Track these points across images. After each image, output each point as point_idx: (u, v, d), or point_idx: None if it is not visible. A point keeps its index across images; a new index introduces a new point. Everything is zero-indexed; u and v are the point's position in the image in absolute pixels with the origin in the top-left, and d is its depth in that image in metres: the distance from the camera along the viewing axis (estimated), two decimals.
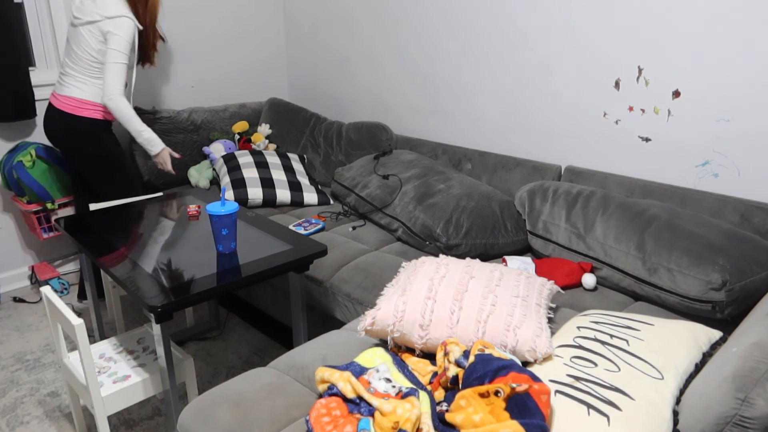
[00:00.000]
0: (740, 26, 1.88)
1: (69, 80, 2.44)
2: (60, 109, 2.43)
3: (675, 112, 2.09)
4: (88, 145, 2.46)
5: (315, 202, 2.75)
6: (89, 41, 2.38)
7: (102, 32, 2.36)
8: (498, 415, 1.10)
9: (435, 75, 2.86)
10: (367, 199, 2.48)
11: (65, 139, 2.46)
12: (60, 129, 2.45)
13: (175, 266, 1.76)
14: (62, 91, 2.45)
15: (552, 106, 2.44)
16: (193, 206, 2.24)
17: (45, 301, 1.80)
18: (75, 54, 2.42)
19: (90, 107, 2.44)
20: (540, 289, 1.57)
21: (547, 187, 2.19)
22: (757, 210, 1.89)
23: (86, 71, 2.42)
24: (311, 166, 3.16)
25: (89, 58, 2.40)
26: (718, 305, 1.65)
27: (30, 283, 3.04)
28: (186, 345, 2.49)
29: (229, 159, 2.83)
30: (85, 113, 2.44)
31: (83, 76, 2.42)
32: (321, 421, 1.21)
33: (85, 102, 2.43)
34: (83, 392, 1.75)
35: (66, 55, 2.46)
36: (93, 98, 2.44)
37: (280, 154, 2.94)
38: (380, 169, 2.58)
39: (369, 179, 2.55)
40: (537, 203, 2.16)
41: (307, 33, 3.51)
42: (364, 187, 2.53)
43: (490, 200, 2.27)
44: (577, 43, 2.29)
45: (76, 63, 2.42)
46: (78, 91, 2.43)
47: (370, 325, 1.46)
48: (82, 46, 2.39)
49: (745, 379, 1.04)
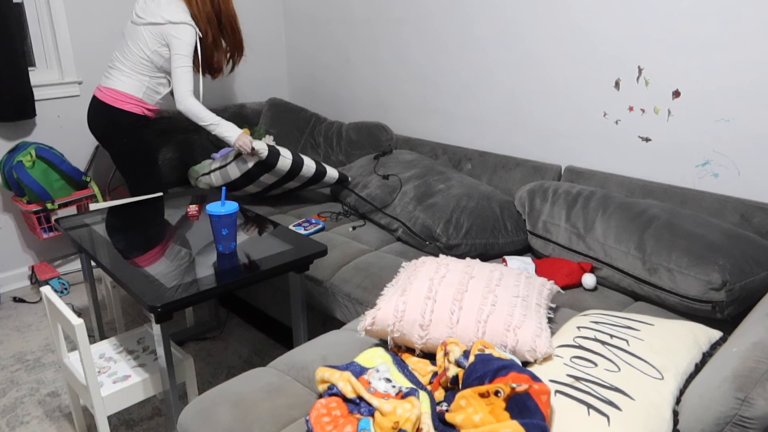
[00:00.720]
0: (740, 26, 1.88)
1: (115, 73, 2.50)
2: (102, 100, 2.49)
3: (675, 112, 2.09)
4: (126, 138, 2.51)
5: (335, 176, 2.63)
6: (147, 41, 2.44)
7: (163, 35, 2.43)
8: (498, 415, 1.10)
9: (435, 75, 2.86)
10: (367, 199, 2.48)
11: (105, 132, 2.52)
12: (100, 121, 2.51)
13: (175, 266, 1.76)
14: (107, 83, 2.52)
15: (552, 106, 2.44)
16: (193, 206, 2.25)
17: (45, 301, 1.80)
18: (129, 50, 2.48)
19: (130, 101, 2.49)
20: (540, 289, 1.57)
21: (547, 187, 2.19)
22: (757, 210, 1.89)
23: (135, 67, 2.48)
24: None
25: (143, 56, 2.46)
26: (718, 305, 1.65)
27: (30, 283, 3.04)
28: (186, 345, 2.49)
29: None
30: (126, 106, 2.49)
31: (130, 71, 2.49)
32: (321, 421, 1.21)
33: (126, 95, 2.48)
34: (83, 392, 1.75)
35: (118, 50, 2.52)
36: (135, 92, 2.50)
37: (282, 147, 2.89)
38: (380, 169, 2.58)
39: (369, 179, 2.55)
40: (537, 203, 2.16)
41: (307, 33, 3.50)
42: (364, 187, 2.53)
43: (490, 200, 2.27)
44: (577, 43, 2.29)
45: (127, 58, 2.48)
46: (121, 84, 2.48)
47: (370, 325, 1.46)
48: (139, 44, 2.45)
49: (745, 379, 1.04)
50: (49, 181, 2.72)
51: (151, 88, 2.53)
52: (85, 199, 2.88)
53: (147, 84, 2.51)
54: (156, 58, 2.47)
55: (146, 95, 2.53)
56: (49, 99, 2.88)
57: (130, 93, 2.49)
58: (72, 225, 2.09)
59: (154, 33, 2.44)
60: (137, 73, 2.49)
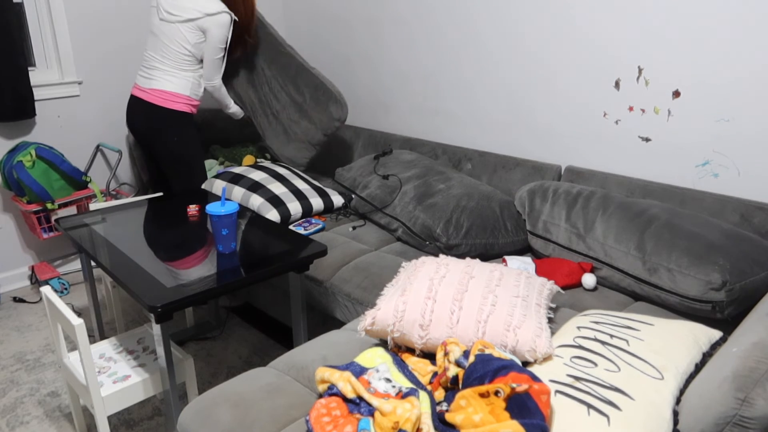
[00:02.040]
0: (740, 26, 1.88)
1: (158, 74, 2.51)
2: (151, 102, 2.50)
3: (675, 112, 2.09)
4: (176, 137, 2.53)
5: (342, 203, 2.63)
6: (186, 36, 2.46)
7: (201, 28, 2.46)
8: (498, 415, 1.10)
9: (435, 75, 2.86)
10: (367, 199, 2.48)
11: (154, 132, 2.53)
12: (148, 121, 2.52)
13: (175, 266, 1.76)
14: (151, 84, 2.52)
15: (552, 106, 2.44)
16: (193, 206, 2.24)
17: (45, 301, 1.80)
18: (166, 48, 2.49)
19: (180, 100, 2.52)
20: (540, 289, 1.57)
21: (547, 187, 2.19)
22: (757, 210, 1.89)
23: (177, 65, 2.50)
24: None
25: (184, 52, 2.49)
26: (718, 305, 1.65)
27: (30, 283, 3.04)
28: (186, 345, 2.49)
29: (239, 178, 2.58)
30: (177, 106, 2.51)
31: (174, 70, 2.50)
32: (321, 421, 1.21)
33: (175, 95, 2.51)
34: (83, 392, 1.75)
35: (152, 50, 2.53)
36: (183, 91, 2.53)
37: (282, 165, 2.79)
38: (380, 169, 2.58)
39: (369, 179, 2.55)
40: (537, 203, 2.16)
41: (307, 33, 3.50)
42: (365, 188, 2.53)
43: (490, 200, 2.27)
44: (577, 44, 2.29)
45: (167, 57, 2.49)
46: (168, 83, 2.50)
47: (370, 325, 1.46)
48: (177, 41, 2.47)
49: (745, 379, 1.04)
50: (49, 181, 2.72)
51: (195, 82, 2.57)
52: (85, 199, 2.88)
53: (191, 80, 2.54)
54: (197, 51, 2.51)
55: (192, 91, 2.56)
56: (49, 99, 2.88)
57: (179, 92, 2.51)
58: (72, 225, 2.09)
59: (192, 27, 2.46)
60: (181, 71, 2.51)
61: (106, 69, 3.03)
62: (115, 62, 3.05)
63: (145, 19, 3.10)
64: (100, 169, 3.14)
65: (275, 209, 2.39)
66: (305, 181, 2.62)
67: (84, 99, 3.00)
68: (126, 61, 3.09)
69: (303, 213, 2.48)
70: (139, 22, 3.08)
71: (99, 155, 3.13)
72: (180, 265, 1.77)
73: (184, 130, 2.55)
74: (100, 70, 3.02)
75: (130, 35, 3.07)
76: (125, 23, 3.04)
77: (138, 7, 3.06)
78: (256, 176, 2.56)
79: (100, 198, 2.90)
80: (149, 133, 2.55)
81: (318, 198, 2.54)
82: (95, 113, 3.05)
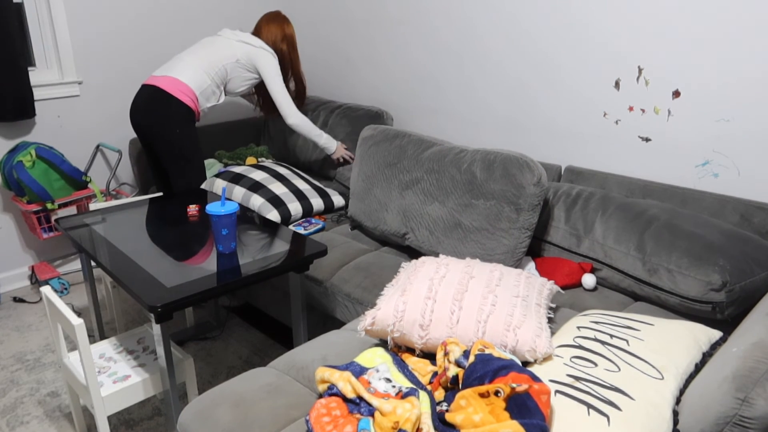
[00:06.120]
0: (740, 26, 1.88)
1: (179, 64, 2.54)
2: (160, 87, 2.50)
3: (675, 112, 2.09)
4: (178, 129, 2.52)
5: (342, 203, 2.64)
6: (236, 51, 2.58)
7: (251, 57, 2.59)
8: (498, 415, 1.10)
9: (435, 75, 2.86)
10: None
11: (159, 119, 2.51)
12: (154, 109, 2.51)
13: (175, 266, 1.76)
14: (166, 72, 2.54)
15: (552, 106, 2.44)
16: (193, 206, 2.24)
17: (45, 301, 1.80)
18: (205, 51, 2.57)
19: (187, 93, 2.52)
20: (540, 289, 1.57)
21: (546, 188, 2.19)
22: (757, 210, 1.89)
23: (203, 66, 2.54)
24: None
25: (220, 60, 2.56)
26: (718, 306, 1.65)
27: (30, 283, 3.04)
28: (186, 345, 2.49)
29: (240, 177, 2.58)
30: (182, 97, 2.50)
31: (197, 67, 2.54)
32: (321, 421, 1.21)
33: (185, 85, 2.51)
34: (83, 392, 1.75)
35: (187, 53, 2.58)
36: (192, 84, 2.53)
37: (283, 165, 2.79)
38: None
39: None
40: None
41: (307, 33, 3.50)
42: None
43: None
44: (577, 43, 2.29)
45: (200, 57, 2.55)
46: (183, 74, 2.52)
47: (370, 325, 1.46)
48: (224, 50, 2.59)
49: (745, 379, 1.04)
50: (49, 181, 2.72)
51: (208, 91, 2.57)
52: (85, 199, 2.88)
53: (206, 85, 2.55)
54: (231, 69, 2.58)
55: (202, 95, 2.56)
56: (49, 99, 2.88)
57: (189, 85, 2.52)
58: (72, 225, 2.09)
59: (246, 51, 2.57)
60: (203, 72, 2.54)
61: (106, 69, 3.03)
62: (115, 62, 3.05)
63: (145, 19, 3.10)
64: (100, 169, 3.14)
65: (276, 210, 2.39)
66: (306, 181, 2.62)
67: (84, 99, 3.00)
68: (126, 62, 3.09)
69: (303, 213, 2.48)
70: (139, 22, 3.08)
71: (99, 155, 3.13)
72: (180, 265, 1.77)
73: (185, 125, 2.54)
74: (100, 70, 3.02)
75: (130, 35, 3.07)
76: (125, 23, 3.04)
77: (138, 8, 3.06)
78: (256, 176, 2.56)
79: (100, 198, 2.90)
80: (155, 119, 2.51)
81: (318, 198, 2.54)
82: (95, 113, 3.05)
